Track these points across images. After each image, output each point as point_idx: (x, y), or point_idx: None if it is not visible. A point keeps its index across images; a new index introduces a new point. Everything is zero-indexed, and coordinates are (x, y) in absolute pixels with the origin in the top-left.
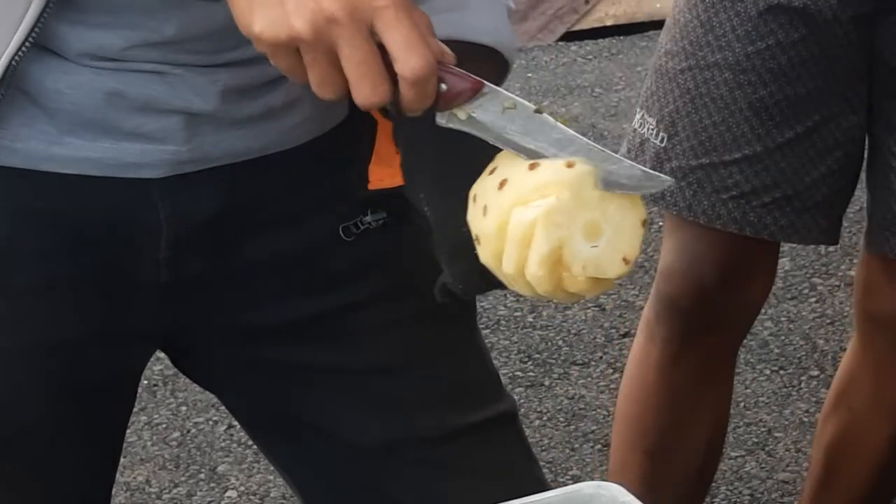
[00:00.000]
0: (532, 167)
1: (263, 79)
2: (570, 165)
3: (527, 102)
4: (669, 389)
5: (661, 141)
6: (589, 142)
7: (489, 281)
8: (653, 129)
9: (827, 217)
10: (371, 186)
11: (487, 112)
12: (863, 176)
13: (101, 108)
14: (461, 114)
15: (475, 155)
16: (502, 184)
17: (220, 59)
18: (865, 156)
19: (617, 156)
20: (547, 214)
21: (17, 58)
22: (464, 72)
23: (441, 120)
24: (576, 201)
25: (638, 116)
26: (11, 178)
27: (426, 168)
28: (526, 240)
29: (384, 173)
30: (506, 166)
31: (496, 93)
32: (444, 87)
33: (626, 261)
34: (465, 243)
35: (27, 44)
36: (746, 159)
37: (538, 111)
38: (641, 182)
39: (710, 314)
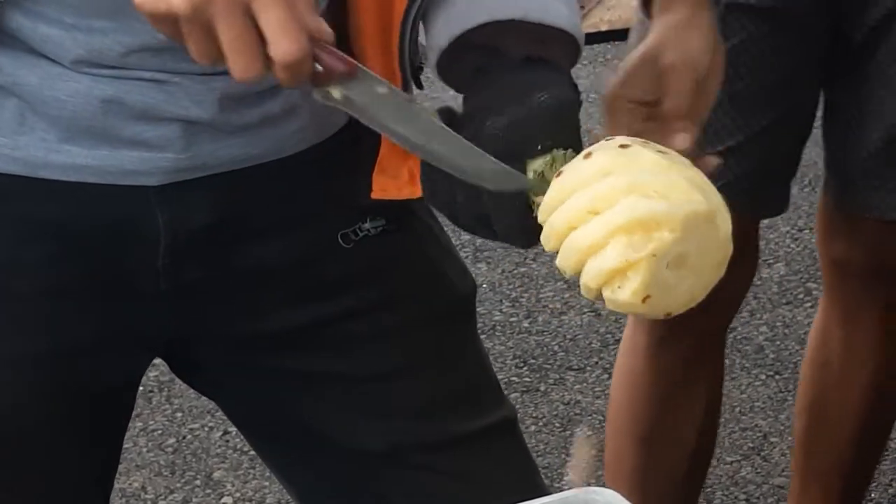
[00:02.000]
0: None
1: (261, 87)
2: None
3: (401, 91)
4: (658, 375)
5: None
6: (456, 135)
7: (530, 236)
8: None
9: (784, 189)
10: (374, 195)
11: (362, 95)
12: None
13: (100, 115)
14: (336, 93)
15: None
16: (605, 197)
17: (219, 66)
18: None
19: (480, 151)
20: (656, 260)
21: None
22: (340, 53)
23: (317, 96)
24: (682, 238)
25: None
26: (10, 186)
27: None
28: (619, 272)
29: (388, 184)
30: (610, 162)
31: (372, 78)
32: (318, 67)
33: (693, 300)
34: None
35: None
36: (729, 150)
37: (410, 101)
38: (501, 180)
39: None
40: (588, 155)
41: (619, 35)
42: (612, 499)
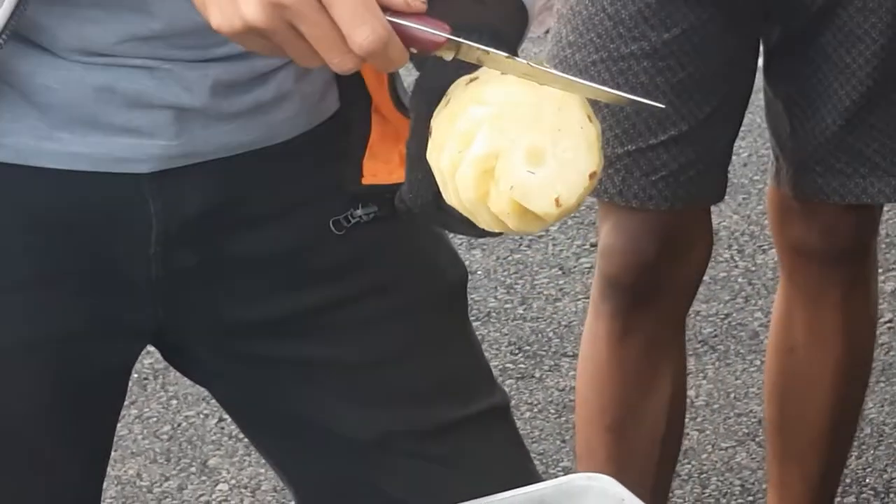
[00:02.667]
0: (469, 81)
1: (253, 73)
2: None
3: (495, 50)
4: (621, 364)
5: None
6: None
7: (438, 202)
8: None
9: (724, 176)
10: (365, 181)
11: (468, 56)
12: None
13: (91, 103)
14: (446, 55)
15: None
16: (470, 80)
17: (210, 53)
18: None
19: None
20: (497, 116)
21: None
22: (431, 21)
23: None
24: (531, 117)
25: None
26: (1, 174)
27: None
28: (468, 137)
29: (378, 168)
30: (486, 71)
31: (466, 42)
32: (413, 50)
33: (557, 202)
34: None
35: (4, 36)
36: (673, 140)
37: (509, 57)
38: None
39: (651, 287)
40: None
41: None
42: (608, 485)
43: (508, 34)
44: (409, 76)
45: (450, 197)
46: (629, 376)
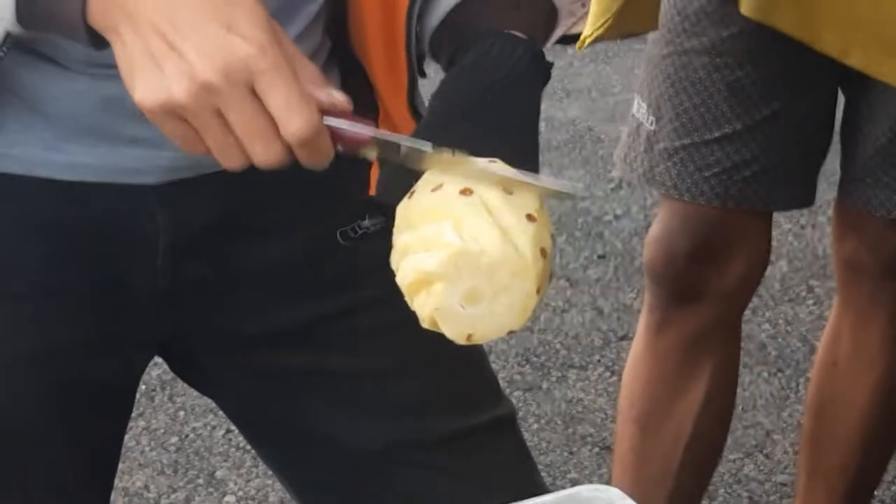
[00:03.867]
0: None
1: None
2: (465, 192)
3: (420, 141)
4: (655, 357)
5: (651, 124)
6: (503, 167)
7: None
8: (645, 113)
9: (800, 183)
10: (372, 192)
11: (392, 155)
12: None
13: (99, 114)
14: (370, 154)
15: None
16: (410, 195)
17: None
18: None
19: (529, 175)
20: (461, 253)
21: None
22: (357, 119)
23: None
24: (489, 268)
25: (635, 102)
26: (8, 184)
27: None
28: (429, 244)
29: None
30: (421, 188)
31: (391, 138)
32: (339, 148)
33: (469, 337)
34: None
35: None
36: (726, 137)
37: (435, 152)
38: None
39: (684, 284)
40: (436, 188)
41: None
42: (615, 497)
43: (540, 36)
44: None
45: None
46: (662, 371)
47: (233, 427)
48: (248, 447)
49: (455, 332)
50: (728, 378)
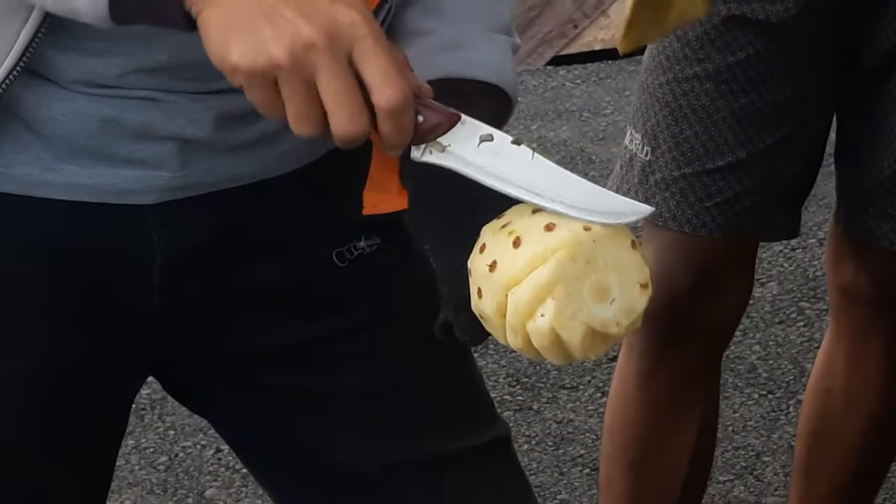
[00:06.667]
0: (515, 244)
1: None
2: (549, 228)
3: (504, 133)
4: (648, 401)
5: (646, 154)
6: (569, 174)
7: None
8: (639, 144)
9: (793, 213)
10: (365, 211)
11: (464, 145)
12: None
13: (96, 134)
14: (437, 147)
15: (483, 208)
16: (492, 266)
17: (215, 86)
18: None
19: (590, 185)
20: (558, 316)
21: (6, 82)
22: (440, 105)
23: (416, 153)
24: (570, 286)
25: (628, 133)
26: (5, 204)
27: (434, 220)
28: (525, 318)
29: (379, 198)
30: (493, 244)
31: (473, 125)
32: (420, 118)
33: (643, 286)
34: (468, 298)
35: (18, 69)
36: (729, 166)
37: (516, 142)
38: (624, 213)
39: (683, 324)
40: (516, 242)
41: (613, 54)
42: None
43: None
44: None
45: (530, 355)
46: (655, 416)
47: (223, 446)
48: (239, 467)
49: (614, 329)
50: (715, 410)
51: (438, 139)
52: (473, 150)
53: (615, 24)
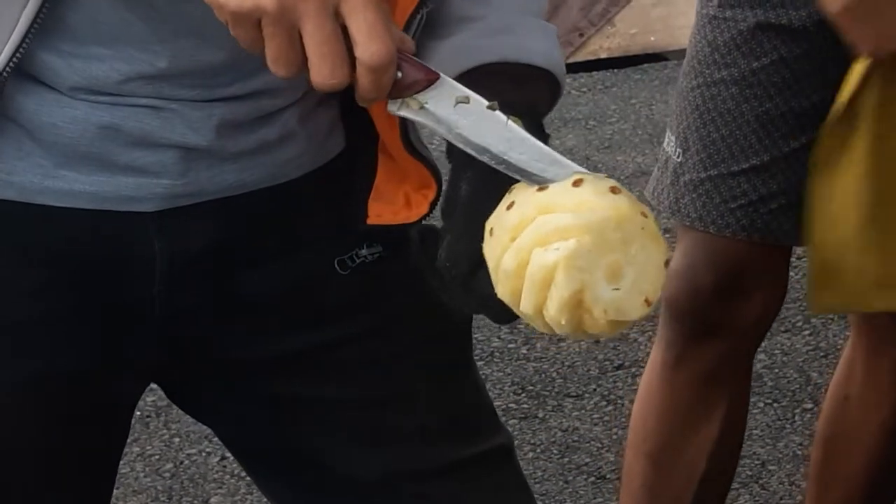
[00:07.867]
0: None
1: (258, 113)
2: (576, 184)
3: (480, 97)
4: (671, 393)
5: (678, 156)
6: (537, 142)
7: (509, 311)
8: (673, 146)
9: None
10: (369, 221)
11: (440, 104)
12: None
13: (97, 141)
14: (413, 103)
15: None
16: (519, 226)
17: (216, 93)
18: None
19: (565, 160)
20: (569, 258)
21: (9, 68)
22: (420, 62)
23: (392, 107)
24: (598, 243)
25: (666, 135)
26: (5, 212)
27: (460, 194)
28: (546, 282)
29: (383, 209)
30: (522, 200)
31: (451, 85)
32: (399, 74)
33: (647, 302)
34: (484, 272)
35: (9, 68)
36: (754, 169)
37: (491, 107)
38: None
39: (705, 321)
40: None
41: (619, 62)
42: None
43: (543, 109)
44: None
45: (538, 325)
46: (676, 409)
47: (227, 454)
48: (243, 474)
49: (636, 311)
50: (741, 413)
51: (416, 96)
52: (449, 110)
53: (621, 33)
